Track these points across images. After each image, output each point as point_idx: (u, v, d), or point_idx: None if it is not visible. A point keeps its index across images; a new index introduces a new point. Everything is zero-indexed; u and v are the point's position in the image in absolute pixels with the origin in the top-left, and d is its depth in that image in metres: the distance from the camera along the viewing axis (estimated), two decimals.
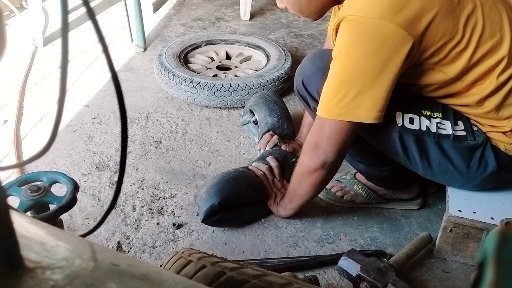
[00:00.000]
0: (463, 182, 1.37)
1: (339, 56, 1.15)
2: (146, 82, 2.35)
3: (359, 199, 1.58)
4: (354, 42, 1.13)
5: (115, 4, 3.24)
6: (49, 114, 2.08)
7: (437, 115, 1.28)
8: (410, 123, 1.27)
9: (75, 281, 0.36)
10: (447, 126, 1.27)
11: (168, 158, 1.81)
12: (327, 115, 1.19)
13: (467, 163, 1.29)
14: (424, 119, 1.27)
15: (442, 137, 1.27)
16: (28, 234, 0.41)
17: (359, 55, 1.13)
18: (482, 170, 1.31)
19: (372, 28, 1.10)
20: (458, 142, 1.27)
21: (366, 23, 1.10)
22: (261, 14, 3.26)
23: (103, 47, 0.50)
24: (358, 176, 1.60)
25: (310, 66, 1.40)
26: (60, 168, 1.74)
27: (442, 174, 1.34)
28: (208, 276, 0.75)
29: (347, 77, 1.14)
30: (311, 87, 1.38)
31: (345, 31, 1.14)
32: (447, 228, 1.35)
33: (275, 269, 1.23)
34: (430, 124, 1.27)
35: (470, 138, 1.27)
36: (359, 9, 1.11)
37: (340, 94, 1.15)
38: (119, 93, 0.53)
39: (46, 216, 1.11)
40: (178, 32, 2.93)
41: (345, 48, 1.14)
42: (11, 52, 2.54)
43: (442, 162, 1.30)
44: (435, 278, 1.36)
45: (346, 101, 1.14)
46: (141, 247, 1.43)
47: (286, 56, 2.30)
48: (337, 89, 1.16)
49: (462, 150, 1.28)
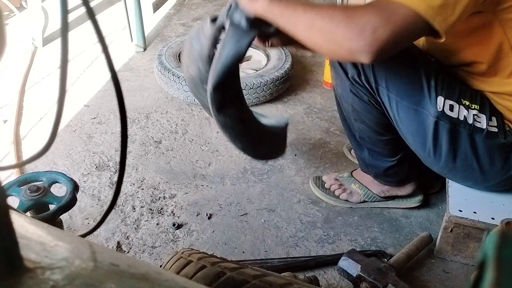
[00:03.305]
0: (478, 181, 1.34)
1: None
2: (146, 82, 2.35)
3: (354, 198, 1.58)
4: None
5: (115, 4, 3.24)
6: (49, 114, 2.08)
7: (475, 106, 1.24)
8: (450, 110, 1.22)
9: (75, 281, 0.36)
10: (482, 120, 1.24)
11: (168, 158, 1.81)
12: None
13: (492, 161, 1.27)
14: (463, 108, 1.23)
15: (476, 130, 1.23)
16: (28, 234, 0.41)
17: None
18: (505, 171, 1.29)
19: None
20: (490, 138, 1.24)
21: None
22: None
23: (103, 47, 0.50)
24: (355, 174, 1.60)
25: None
26: (60, 168, 1.74)
27: (462, 170, 1.30)
28: (208, 276, 0.75)
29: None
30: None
31: None
32: (447, 228, 1.35)
33: (275, 269, 1.23)
34: (467, 115, 1.23)
35: (501, 136, 1.25)
36: None
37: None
38: (119, 93, 0.53)
39: (46, 216, 1.11)
40: (178, 32, 2.93)
41: None
42: (11, 52, 2.54)
43: (469, 157, 1.27)
44: (436, 278, 1.36)
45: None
46: (141, 247, 1.43)
47: (286, 56, 2.30)
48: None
49: (491, 147, 1.25)
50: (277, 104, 2.19)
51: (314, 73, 2.46)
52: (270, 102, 2.19)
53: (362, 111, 1.36)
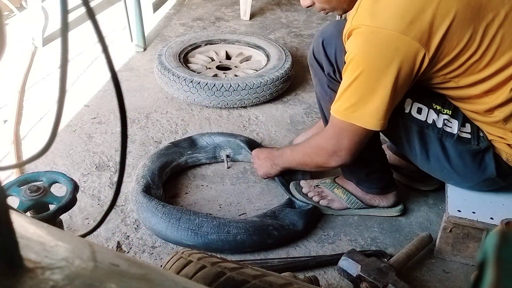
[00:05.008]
0: (458, 181, 1.38)
1: (351, 64, 1.17)
2: (146, 82, 2.35)
3: (336, 205, 1.54)
4: (365, 53, 1.14)
5: (115, 4, 3.24)
6: (49, 114, 2.08)
7: (447, 112, 1.27)
8: (417, 112, 1.27)
9: (75, 281, 0.36)
10: (454, 125, 1.27)
11: None
12: (340, 116, 1.22)
13: (465, 165, 1.29)
14: (433, 112, 1.27)
15: (445, 134, 1.27)
16: (28, 234, 0.41)
17: (369, 65, 1.14)
18: (480, 174, 1.31)
19: (384, 39, 1.11)
20: (461, 144, 1.27)
21: (379, 33, 1.11)
22: (261, 14, 3.26)
23: (103, 47, 0.50)
24: (338, 180, 1.57)
25: (333, 29, 1.37)
26: (60, 168, 1.74)
27: (439, 170, 1.35)
28: (208, 276, 0.75)
29: (358, 84, 1.16)
30: (329, 49, 1.34)
31: (357, 41, 1.16)
32: (447, 228, 1.35)
33: (275, 269, 1.23)
34: (437, 119, 1.27)
35: (474, 143, 1.27)
36: (371, 19, 1.12)
37: (352, 99, 1.18)
38: (119, 93, 0.53)
39: (46, 216, 1.11)
40: (178, 32, 2.93)
41: (356, 57, 1.15)
42: (11, 52, 2.53)
43: (441, 159, 1.30)
44: (435, 278, 1.36)
45: (356, 106, 1.19)
46: (141, 247, 1.43)
47: (286, 56, 2.30)
48: (349, 93, 1.19)
49: (463, 152, 1.27)
50: (277, 104, 2.19)
51: None
52: (270, 102, 2.19)
53: None
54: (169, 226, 1.40)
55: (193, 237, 1.38)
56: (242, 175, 1.74)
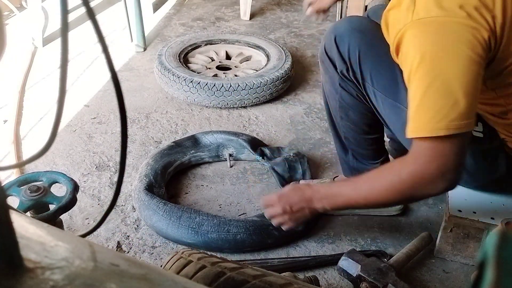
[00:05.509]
0: (467, 180, 1.34)
1: (422, 65, 1.00)
2: (146, 82, 2.35)
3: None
4: (438, 46, 1.00)
5: (115, 4, 3.24)
6: (49, 114, 2.08)
7: None
8: None
9: (75, 281, 0.36)
10: None
11: None
12: (431, 132, 1.01)
13: (477, 164, 1.27)
14: None
15: None
16: (28, 234, 0.41)
17: (446, 61, 0.99)
18: (491, 173, 1.29)
19: (455, 30, 0.98)
20: (473, 143, 1.21)
21: (450, 24, 0.99)
22: (261, 14, 3.26)
23: (103, 47, 0.50)
24: (338, 180, 1.57)
25: (346, 25, 1.28)
26: (60, 168, 1.74)
27: None
28: (208, 276, 0.75)
29: (440, 85, 1.00)
30: (343, 46, 1.26)
31: (426, 35, 1.00)
32: (447, 228, 1.35)
33: (275, 269, 1.23)
34: None
35: (486, 142, 1.25)
36: (439, 9, 0.99)
37: (437, 106, 1.00)
38: (119, 93, 0.53)
39: (46, 216, 1.11)
40: (178, 32, 2.93)
41: (427, 55, 1.00)
42: (11, 52, 2.53)
43: None
44: (436, 278, 1.36)
45: (445, 113, 0.99)
46: (141, 247, 1.43)
47: (286, 56, 2.30)
48: (431, 101, 1.01)
49: (475, 151, 1.24)
50: (277, 104, 2.19)
51: (314, 73, 2.46)
52: (270, 102, 2.19)
53: (350, 107, 1.36)
54: (170, 224, 1.40)
55: (193, 235, 1.38)
56: (242, 175, 1.74)
